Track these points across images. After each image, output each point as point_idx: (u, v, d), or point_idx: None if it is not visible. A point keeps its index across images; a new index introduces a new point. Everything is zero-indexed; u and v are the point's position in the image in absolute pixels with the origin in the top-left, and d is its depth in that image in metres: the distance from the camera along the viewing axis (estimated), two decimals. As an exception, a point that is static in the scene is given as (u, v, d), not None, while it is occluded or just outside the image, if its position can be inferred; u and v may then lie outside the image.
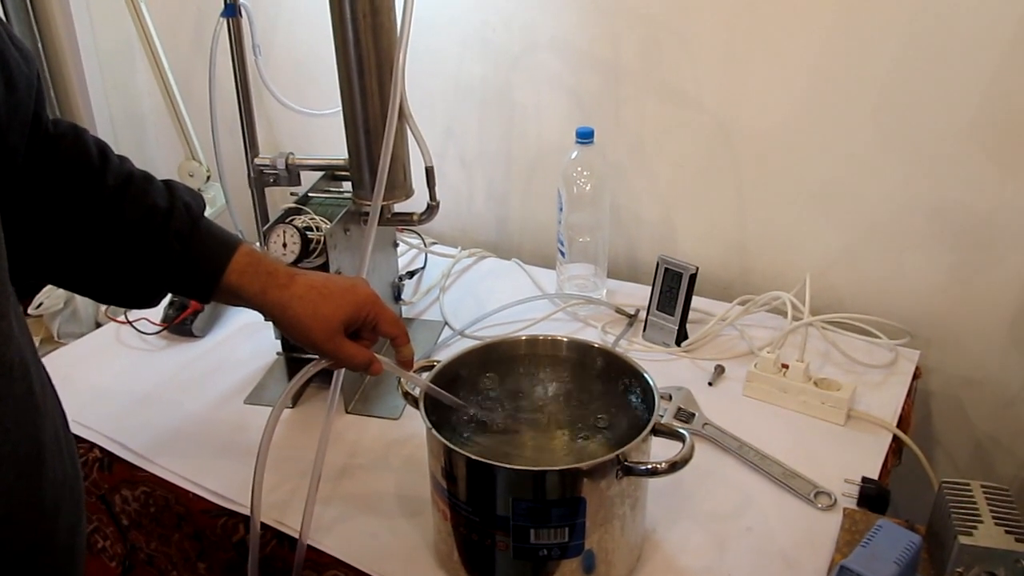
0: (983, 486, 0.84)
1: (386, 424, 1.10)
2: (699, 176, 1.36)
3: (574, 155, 1.27)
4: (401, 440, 1.07)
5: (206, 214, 1.62)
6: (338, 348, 0.83)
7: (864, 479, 0.95)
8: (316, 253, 1.04)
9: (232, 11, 1.07)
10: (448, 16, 1.42)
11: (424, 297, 1.39)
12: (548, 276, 1.42)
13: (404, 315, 1.33)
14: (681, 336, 1.23)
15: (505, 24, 1.40)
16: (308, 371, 0.85)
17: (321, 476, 0.92)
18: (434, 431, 0.78)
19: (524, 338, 0.94)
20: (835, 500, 0.94)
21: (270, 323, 0.90)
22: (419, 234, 1.54)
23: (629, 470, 0.77)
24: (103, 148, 0.79)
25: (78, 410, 1.14)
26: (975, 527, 0.79)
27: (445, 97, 1.50)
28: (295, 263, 1.03)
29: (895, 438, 1.05)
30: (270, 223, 1.07)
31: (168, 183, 0.82)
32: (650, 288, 1.25)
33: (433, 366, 0.90)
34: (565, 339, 0.93)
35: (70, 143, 0.76)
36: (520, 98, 1.45)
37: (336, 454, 1.05)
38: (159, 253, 0.78)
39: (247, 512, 0.96)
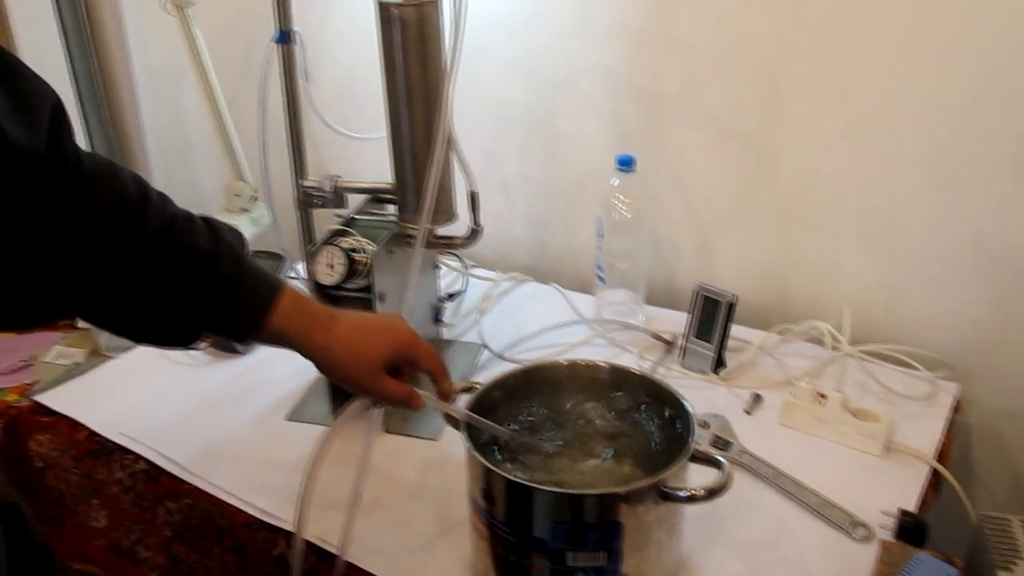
0: (1023, 521, 0.83)
1: (425, 444, 1.12)
2: (738, 204, 1.37)
3: (614, 182, 1.28)
4: (440, 460, 1.09)
5: (252, 233, 1.66)
6: (380, 386, 0.84)
7: (901, 511, 0.95)
8: (361, 275, 1.06)
9: (285, 38, 1.10)
10: (492, 43, 1.45)
11: (464, 319, 1.41)
12: (586, 301, 1.43)
13: (443, 337, 1.35)
14: (719, 364, 1.23)
15: (548, 52, 1.42)
16: (347, 412, 0.86)
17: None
18: (475, 453, 0.80)
19: (564, 362, 0.95)
20: (872, 532, 0.94)
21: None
22: (459, 257, 1.56)
23: (667, 496, 0.78)
24: (143, 188, 0.78)
25: (124, 422, 1.17)
26: (1015, 563, 0.79)
27: (487, 122, 1.53)
28: (340, 284, 1.06)
29: (933, 471, 1.05)
30: (316, 244, 1.09)
31: (209, 222, 0.81)
32: (688, 315, 1.26)
33: (473, 388, 0.91)
34: (605, 364, 0.95)
35: (106, 184, 0.75)
36: (561, 125, 1.47)
37: (375, 472, 1.06)
38: (203, 296, 0.78)
39: (288, 527, 0.97)
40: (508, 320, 1.41)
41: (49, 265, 0.72)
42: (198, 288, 0.78)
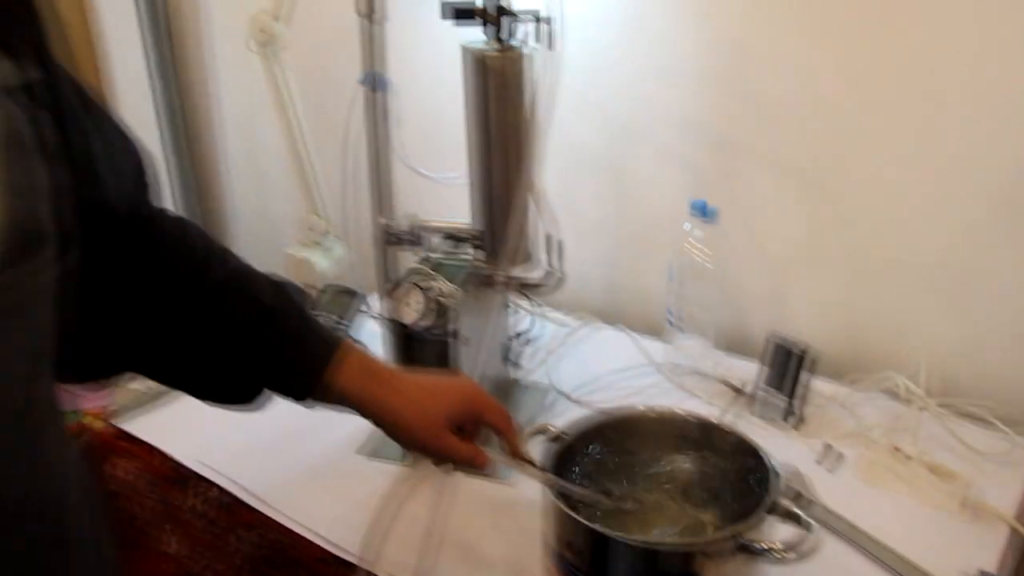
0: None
1: (497, 485, 1.12)
2: (812, 252, 1.36)
3: (688, 227, 1.29)
4: (511, 502, 1.09)
5: (325, 268, 1.69)
6: (445, 446, 0.83)
7: (983, 573, 0.93)
8: (440, 315, 1.08)
9: (374, 83, 1.13)
10: (568, 87, 1.46)
11: (533, 360, 1.41)
12: (655, 345, 1.43)
13: (512, 377, 1.36)
14: (791, 414, 1.22)
15: (624, 97, 1.44)
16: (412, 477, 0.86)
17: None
18: (558, 501, 0.80)
19: (642, 409, 0.95)
20: (953, 594, 0.92)
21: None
22: (529, 297, 1.57)
23: (747, 551, 0.77)
24: (208, 244, 0.79)
25: (201, 450, 1.20)
26: (1106, 634, 0.77)
27: (560, 163, 1.54)
28: (420, 324, 1.07)
29: (1015, 531, 1.02)
30: (397, 283, 1.11)
31: (273, 279, 0.82)
32: (759, 362, 1.25)
33: (547, 430, 0.91)
34: (684, 412, 0.94)
35: (175, 241, 0.77)
36: (635, 169, 1.48)
37: (447, 513, 1.06)
38: (264, 352, 0.78)
39: (360, 563, 0.98)
40: (577, 362, 1.42)
41: (116, 321, 0.73)
42: (259, 343, 0.78)
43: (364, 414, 0.83)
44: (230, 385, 0.80)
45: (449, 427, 0.83)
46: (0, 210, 0.45)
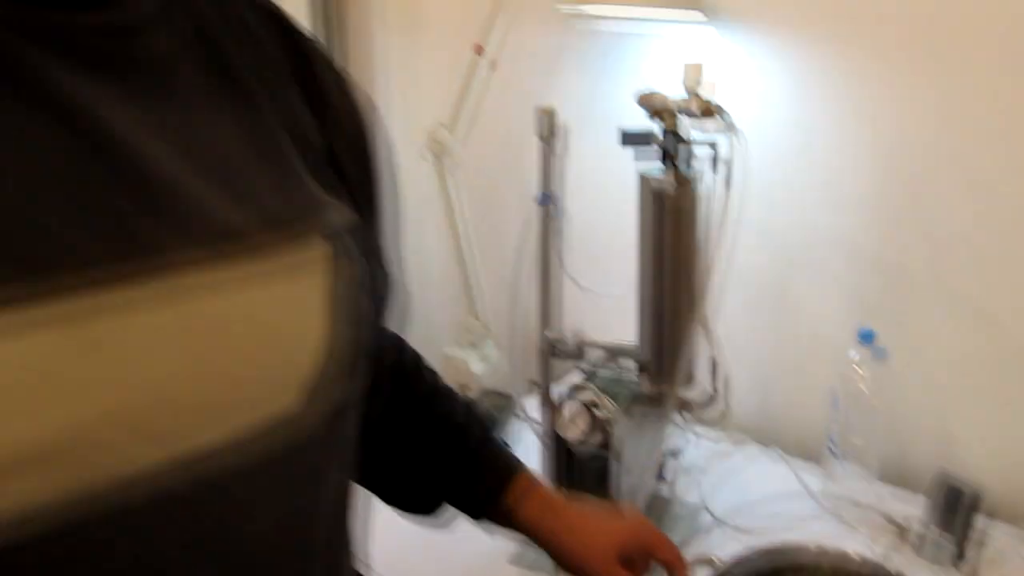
0: None
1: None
2: (985, 389, 1.31)
3: (853, 356, 1.27)
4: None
5: (480, 370, 1.73)
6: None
7: None
8: (603, 434, 1.09)
9: (547, 200, 1.19)
10: (738, 210, 1.49)
11: (686, 479, 1.40)
12: (810, 470, 1.39)
13: (665, 496, 1.35)
14: (961, 559, 1.16)
15: (792, 221, 1.44)
16: None
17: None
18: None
19: (813, 550, 0.94)
20: None
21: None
22: (685, 416, 1.56)
23: None
24: (417, 360, 0.85)
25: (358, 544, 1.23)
26: None
27: (721, 281, 1.55)
28: (582, 442, 1.09)
29: None
30: (560, 399, 1.14)
31: (465, 400, 0.86)
32: (925, 498, 1.20)
33: (712, 563, 0.91)
34: (858, 557, 0.92)
35: (394, 357, 0.82)
36: (796, 291, 1.47)
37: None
38: (450, 468, 0.82)
39: None
40: (731, 484, 1.39)
41: None
42: (448, 460, 0.82)
43: (538, 543, 0.85)
44: (415, 497, 0.84)
45: (619, 560, 0.84)
46: (347, 339, 0.53)
